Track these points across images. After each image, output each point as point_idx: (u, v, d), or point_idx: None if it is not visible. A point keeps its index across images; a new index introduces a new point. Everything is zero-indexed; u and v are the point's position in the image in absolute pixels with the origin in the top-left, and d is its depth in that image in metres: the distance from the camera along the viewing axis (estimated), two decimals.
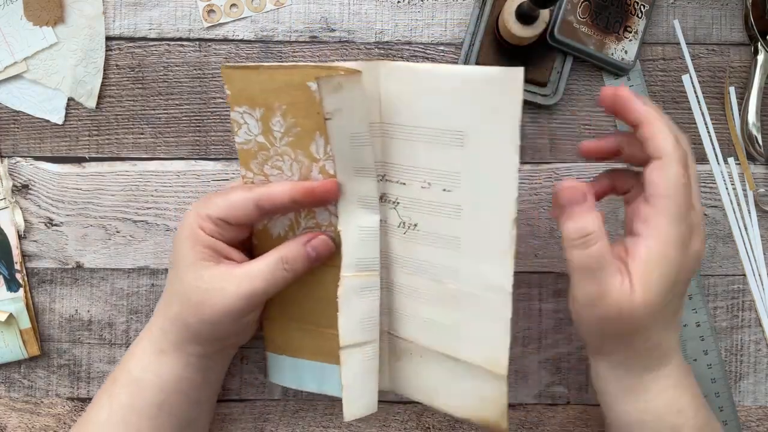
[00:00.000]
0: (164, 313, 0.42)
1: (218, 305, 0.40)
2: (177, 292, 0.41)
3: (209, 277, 0.40)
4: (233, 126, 0.42)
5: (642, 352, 0.39)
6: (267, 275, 0.40)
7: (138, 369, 0.42)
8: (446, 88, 0.38)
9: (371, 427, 0.50)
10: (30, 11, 0.49)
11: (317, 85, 0.38)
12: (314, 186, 0.40)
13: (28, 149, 0.50)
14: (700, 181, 0.50)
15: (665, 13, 0.50)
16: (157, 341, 0.42)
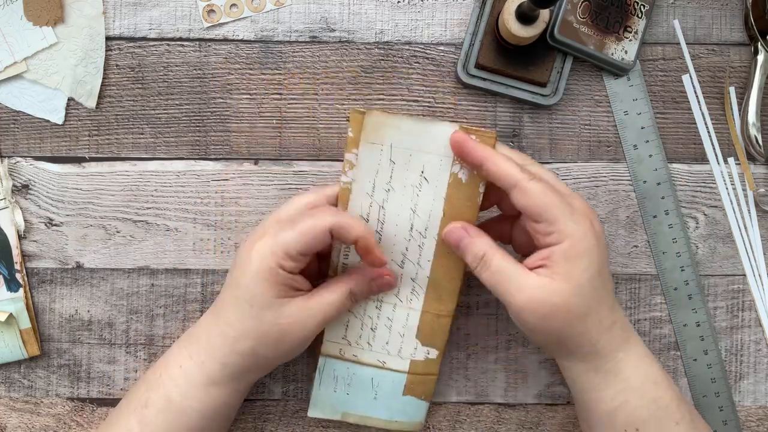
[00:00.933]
0: (229, 349, 0.42)
1: (298, 338, 0.42)
2: (251, 330, 0.41)
3: (289, 313, 0.41)
4: (344, 166, 0.43)
5: (603, 334, 0.41)
6: (337, 306, 0.42)
7: (179, 396, 0.42)
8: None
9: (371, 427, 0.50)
10: (30, 11, 0.49)
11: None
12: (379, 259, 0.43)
13: (28, 149, 0.50)
14: (701, 181, 0.50)
15: (665, 13, 0.50)
16: (213, 374, 0.42)
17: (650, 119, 0.50)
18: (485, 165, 0.41)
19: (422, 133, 0.42)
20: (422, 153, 0.42)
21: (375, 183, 0.43)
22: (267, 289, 0.41)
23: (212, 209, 0.50)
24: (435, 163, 0.42)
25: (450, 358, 0.51)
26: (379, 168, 0.43)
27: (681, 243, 0.50)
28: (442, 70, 0.50)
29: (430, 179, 0.43)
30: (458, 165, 0.42)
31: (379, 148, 0.42)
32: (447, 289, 0.45)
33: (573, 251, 0.39)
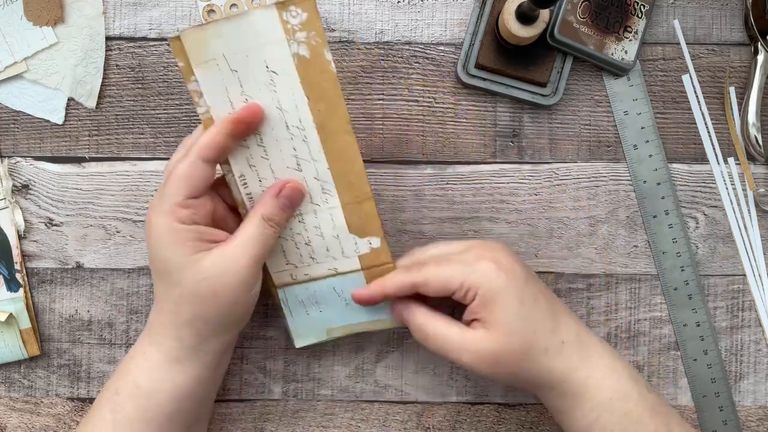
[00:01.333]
0: (175, 322, 0.41)
1: (231, 283, 0.40)
2: (181, 296, 0.40)
3: (209, 265, 0.40)
4: (193, 97, 0.41)
5: (555, 359, 0.41)
6: (258, 238, 0.41)
7: (148, 381, 0.41)
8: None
9: (371, 427, 0.50)
10: (30, 11, 0.49)
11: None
12: (239, 115, 0.41)
13: (28, 149, 0.50)
14: (701, 181, 0.50)
15: (665, 13, 0.50)
16: (171, 351, 0.41)
17: (650, 119, 0.50)
18: (385, 294, 0.43)
19: (245, 29, 0.40)
20: (256, 48, 0.40)
21: (230, 99, 0.41)
22: (176, 251, 0.40)
23: None
24: (273, 52, 0.40)
25: None
26: (226, 83, 0.41)
27: (681, 243, 0.50)
28: (442, 70, 0.50)
29: (277, 71, 0.41)
30: (294, 42, 0.40)
31: (214, 64, 0.40)
32: (353, 172, 0.43)
33: (486, 298, 0.41)
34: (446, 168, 0.50)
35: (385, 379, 0.51)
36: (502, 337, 0.40)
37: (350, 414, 0.51)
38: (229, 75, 0.41)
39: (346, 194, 0.44)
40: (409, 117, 0.50)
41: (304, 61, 0.41)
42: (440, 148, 0.50)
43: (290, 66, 0.41)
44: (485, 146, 0.50)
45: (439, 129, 0.50)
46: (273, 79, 0.41)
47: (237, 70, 0.41)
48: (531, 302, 0.41)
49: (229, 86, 0.41)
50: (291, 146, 0.42)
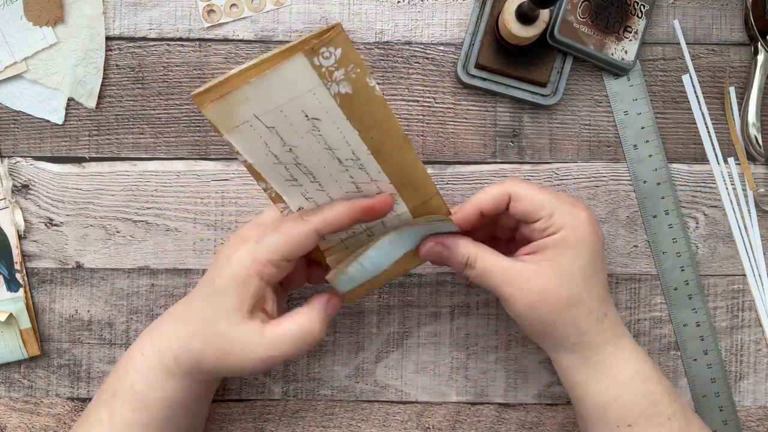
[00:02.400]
0: (182, 342, 0.41)
1: (240, 362, 0.40)
2: (205, 332, 0.40)
3: (241, 332, 0.39)
4: (231, 147, 0.39)
5: (593, 325, 0.41)
6: (293, 343, 0.40)
7: (143, 386, 0.42)
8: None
9: (371, 427, 0.50)
10: (30, 11, 0.49)
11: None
12: (374, 203, 0.40)
13: (28, 149, 0.50)
14: (701, 181, 0.50)
15: (665, 13, 0.50)
16: (167, 364, 0.41)
17: (650, 119, 0.50)
18: (480, 209, 0.41)
19: (273, 86, 0.36)
20: (291, 101, 0.36)
21: (273, 152, 0.38)
22: (235, 297, 0.39)
23: (212, 209, 0.50)
24: (311, 100, 0.36)
25: (450, 358, 0.51)
26: (264, 139, 0.38)
27: (681, 243, 0.50)
28: (442, 70, 0.50)
29: (320, 116, 0.37)
30: (333, 84, 0.36)
31: (246, 126, 0.37)
32: (415, 179, 0.41)
33: (567, 240, 0.40)
34: (446, 168, 0.50)
35: (385, 379, 0.51)
36: (557, 279, 0.39)
37: (350, 414, 0.51)
38: (265, 132, 0.38)
39: (413, 200, 0.42)
40: (409, 117, 0.50)
41: (347, 97, 0.37)
42: (440, 148, 0.50)
43: (333, 108, 0.37)
44: (485, 146, 0.50)
45: (439, 129, 0.50)
46: (316, 125, 0.38)
47: (274, 126, 0.37)
48: (599, 267, 0.41)
49: (268, 141, 0.38)
50: (347, 176, 0.40)
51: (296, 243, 0.39)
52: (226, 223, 0.50)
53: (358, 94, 0.37)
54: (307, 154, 0.39)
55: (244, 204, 0.50)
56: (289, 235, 0.39)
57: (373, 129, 0.38)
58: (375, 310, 0.51)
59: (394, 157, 0.40)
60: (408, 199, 0.42)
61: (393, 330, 0.51)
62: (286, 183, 0.40)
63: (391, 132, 0.39)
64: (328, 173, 0.40)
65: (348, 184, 0.40)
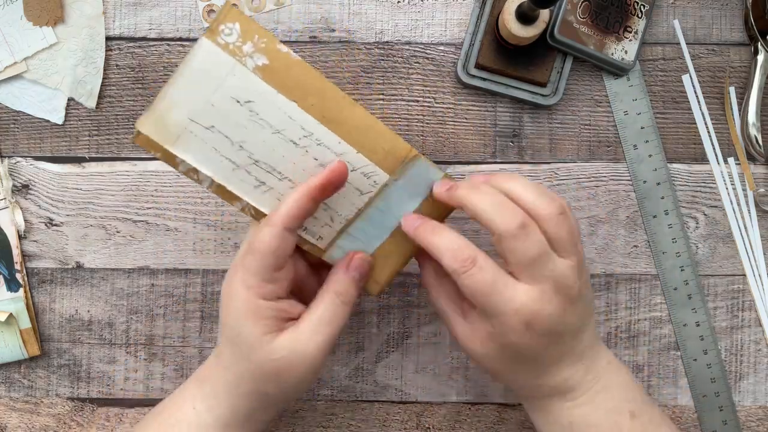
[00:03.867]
0: (234, 392, 0.40)
1: (300, 368, 0.39)
2: (247, 371, 0.39)
3: (280, 347, 0.38)
4: (190, 177, 0.39)
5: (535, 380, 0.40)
6: (331, 318, 0.39)
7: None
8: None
9: (371, 427, 0.50)
10: (30, 11, 0.49)
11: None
12: (326, 177, 0.39)
13: (28, 149, 0.50)
14: (701, 181, 0.50)
15: (665, 13, 0.50)
16: (223, 417, 0.40)
17: (650, 119, 0.50)
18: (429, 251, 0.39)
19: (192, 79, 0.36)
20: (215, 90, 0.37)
21: (226, 155, 0.38)
22: (252, 328, 0.38)
23: (212, 209, 0.50)
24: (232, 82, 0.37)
25: (450, 358, 0.51)
26: (211, 144, 0.38)
27: (681, 243, 0.50)
28: (442, 70, 0.50)
29: (250, 98, 0.37)
30: (247, 57, 0.37)
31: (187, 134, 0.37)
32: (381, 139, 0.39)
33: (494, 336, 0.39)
34: (446, 168, 0.50)
35: (385, 379, 0.51)
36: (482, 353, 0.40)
37: (350, 414, 0.51)
38: (208, 135, 0.38)
39: (389, 163, 0.40)
40: (409, 117, 0.50)
41: (267, 69, 0.37)
42: (440, 148, 0.50)
43: (258, 83, 0.37)
44: (485, 146, 0.50)
45: (439, 129, 0.50)
46: (251, 108, 0.38)
47: (213, 125, 0.37)
48: (530, 360, 0.39)
49: (216, 145, 0.38)
50: (311, 159, 0.39)
51: (273, 251, 0.38)
52: (226, 223, 0.50)
53: (275, 63, 0.37)
54: (260, 147, 0.38)
55: None
56: (262, 248, 0.38)
57: (309, 96, 0.38)
58: (375, 310, 0.51)
59: (346, 121, 0.39)
60: (384, 165, 0.40)
61: (393, 330, 0.51)
62: (256, 190, 0.39)
63: (328, 94, 0.38)
64: (291, 163, 0.39)
65: (316, 168, 0.39)
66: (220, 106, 0.37)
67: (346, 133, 0.39)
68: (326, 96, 0.38)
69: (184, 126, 0.37)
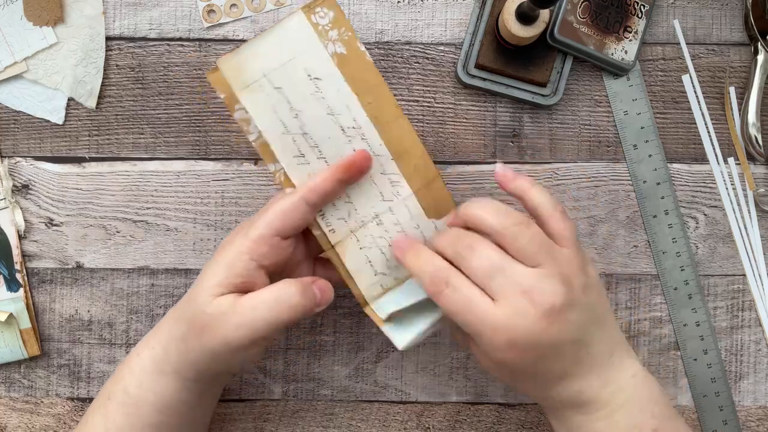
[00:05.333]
0: (171, 332, 0.41)
1: (219, 334, 0.38)
2: (185, 313, 0.40)
3: (217, 303, 0.38)
4: (241, 126, 0.40)
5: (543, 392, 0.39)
6: (270, 305, 0.38)
7: (135, 387, 0.41)
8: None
9: (371, 427, 0.50)
10: (30, 11, 0.49)
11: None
12: (353, 159, 0.41)
13: (28, 149, 0.50)
14: (701, 181, 0.50)
15: (665, 13, 0.50)
16: (159, 361, 0.41)
17: (650, 119, 0.50)
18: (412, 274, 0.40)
19: (279, 42, 0.40)
20: (294, 59, 0.40)
21: (281, 119, 0.41)
22: (218, 275, 0.39)
23: (212, 209, 0.50)
24: (311, 58, 0.40)
25: (450, 358, 0.51)
26: (272, 102, 0.40)
27: (681, 243, 0.50)
28: (442, 70, 0.50)
29: (321, 76, 0.41)
30: (329, 42, 0.40)
31: (257, 86, 0.40)
32: (415, 155, 0.42)
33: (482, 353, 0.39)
34: (446, 168, 0.50)
35: (385, 379, 0.51)
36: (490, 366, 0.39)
37: (350, 414, 0.51)
38: (273, 94, 0.40)
39: (415, 180, 0.43)
40: (409, 117, 0.50)
41: (342, 58, 0.41)
42: (440, 148, 0.50)
43: (332, 67, 0.41)
44: (485, 146, 0.50)
45: (439, 129, 0.50)
46: (318, 86, 0.41)
47: (281, 87, 0.40)
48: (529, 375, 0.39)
49: (276, 105, 0.40)
50: (351, 149, 0.41)
51: (285, 214, 0.39)
52: (226, 223, 0.50)
53: (351, 56, 0.41)
54: (313, 121, 0.41)
55: (244, 204, 0.50)
56: (278, 209, 0.39)
57: (369, 95, 0.41)
58: None
59: (392, 129, 0.42)
60: (411, 179, 0.43)
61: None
62: (294, 160, 0.41)
63: (385, 100, 0.42)
64: (334, 146, 0.41)
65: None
66: (293, 73, 0.40)
67: (388, 139, 0.42)
68: (382, 100, 0.41)
69: (257, 78, 0.40)
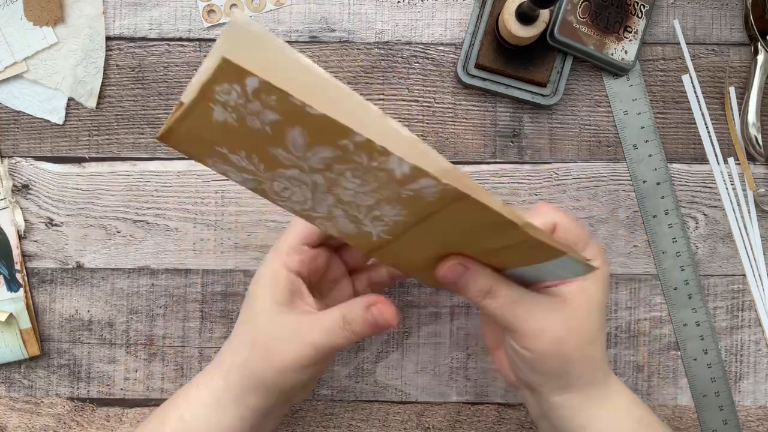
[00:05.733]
0: (231, 359, 0.40)
1: (289, 352, 0.38)
2: (247, 336, 0.40)
3: (282, 323, 0.39)
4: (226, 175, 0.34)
5: (603, 361, 0.40)
6: (330, 332, 0.38)
7: (191, 416, 0.41)
8: None
9: (371, 427, 0.50)
10: (30, 11, 0.49)
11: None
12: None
13: (28, 149, 0.50)
14: (701, 181, 0.50)
15: (665, 13, 0.50)
16: (217, 391, 0.40)
17: (650, 119, 0.50)
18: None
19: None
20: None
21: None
22: (267, 292, 0.39)
23: (212, 209, 0.50)
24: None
25: (450, 359, 0.51)
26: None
27: (681, 242, 0.50)
28: (442, 70, 0.50)
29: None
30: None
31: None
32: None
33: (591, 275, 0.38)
34: None
35: (385, 379, 0.51)
36: (585, 313, 0.37)
37: (350, 414, 0.51)
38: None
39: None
40: (409, 117, 0.50)
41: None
42: (440, 148, 0.50)
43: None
44: (485, 146, 0.50)
45: (439, 129, 0.50)
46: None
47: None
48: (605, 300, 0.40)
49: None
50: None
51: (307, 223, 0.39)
52: (226, 223, 0.50)
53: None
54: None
55: (244, 204, 0.50)
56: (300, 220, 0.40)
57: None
58: None
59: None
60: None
61: (393, 330, 0.51)
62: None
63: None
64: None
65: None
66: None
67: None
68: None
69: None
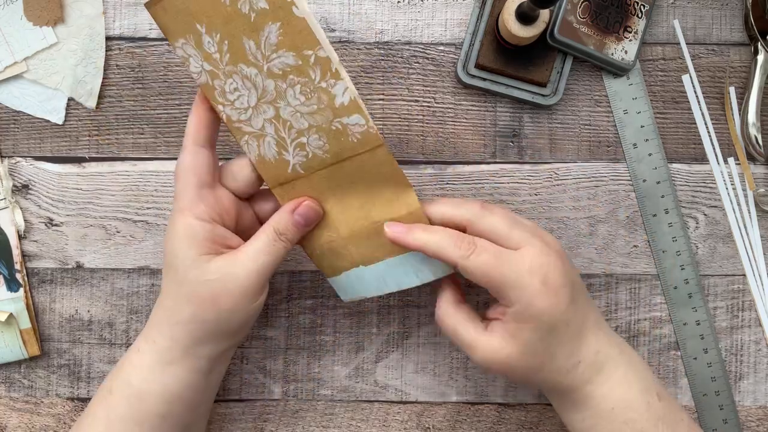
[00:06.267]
0: (172, 320, 0.41)
1: (234, 290, 0.40)
2: (183, 295, 0.40)
3: (215, 268, 0.40)
4: (183, 63, 0.40)
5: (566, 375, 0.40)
6: (268, 250, 0.41)
7: (140, 381, 0.41)
8: None
9: (371, 427, 0.50)
10: (30, 11, 0.49)
11: None
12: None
13: (28, 149, 0.50)
14: (701, 181, 0.50)
15: (665, 13, 0.50)
16: (164, 351, 0.41)
17: (650, 118, 0.50)
18: (424, 251, 0.40)
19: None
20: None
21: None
22: (188, 249, 0.40)
23: None
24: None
25: (450, 359, 0.51)
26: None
27: (681, 242, 0.50)
28: (442, 70, 0.50)
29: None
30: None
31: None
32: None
33: (522, 316, 0.39)
34: (446, 168, 0.50)
35: (385, 379, 0.51)
36: (518, 353, 0.39)
37: (350, 414, 0.51)
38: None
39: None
40: (409, 117, 0.50)
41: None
42: (440, 148, 0.50)
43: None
44: (485, 146, 0.50)
45: (439, 129, 0.50)
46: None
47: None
48: (562, 328, 0.40)
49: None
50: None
51: (190, 168, 0.40)
52: None
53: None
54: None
55: None
56: (179, 169, 0.41)
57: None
58: (375, 310, 0.51)
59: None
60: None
61: (393, 330, 0.51)
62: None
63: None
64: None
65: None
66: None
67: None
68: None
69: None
